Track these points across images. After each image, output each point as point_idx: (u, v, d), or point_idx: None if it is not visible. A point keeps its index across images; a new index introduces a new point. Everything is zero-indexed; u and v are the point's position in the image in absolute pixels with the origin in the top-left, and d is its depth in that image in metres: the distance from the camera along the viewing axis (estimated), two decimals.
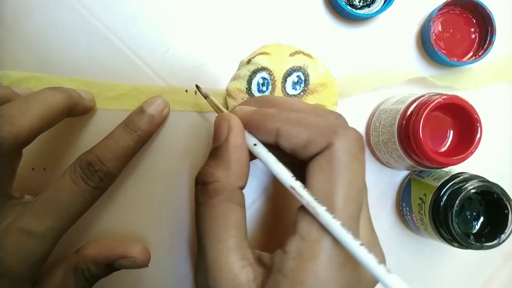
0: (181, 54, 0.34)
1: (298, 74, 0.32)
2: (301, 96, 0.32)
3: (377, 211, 0.37)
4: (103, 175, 0.28)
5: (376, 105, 0.36)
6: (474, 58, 0.35)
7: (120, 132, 0.30)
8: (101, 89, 0.33)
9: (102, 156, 0.28)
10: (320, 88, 0.33)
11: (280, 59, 0.33)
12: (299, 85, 0.32)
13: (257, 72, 0.32)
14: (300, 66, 0.33)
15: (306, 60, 0.33)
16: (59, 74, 0.33)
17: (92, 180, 0.27)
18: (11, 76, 0.33)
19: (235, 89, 0.33)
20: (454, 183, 0.31)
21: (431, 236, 0.33)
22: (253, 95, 0.32)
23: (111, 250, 0.31)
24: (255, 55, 0.33)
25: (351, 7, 0.35)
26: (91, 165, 0.27)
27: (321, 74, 0.33)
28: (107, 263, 0.31)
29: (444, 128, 0.32)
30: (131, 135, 0.30)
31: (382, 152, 0.34)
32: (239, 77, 0.33)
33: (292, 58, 0.33)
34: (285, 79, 0.32)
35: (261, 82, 0.32)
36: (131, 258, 0.31)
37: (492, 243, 0.30)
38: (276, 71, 0.32)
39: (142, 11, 0.34)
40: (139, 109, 0.31)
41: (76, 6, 0.34)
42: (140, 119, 0.30)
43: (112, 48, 0.34)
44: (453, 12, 0.36)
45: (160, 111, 0.32)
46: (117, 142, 0.29)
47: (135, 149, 0.30)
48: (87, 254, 0.31)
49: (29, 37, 0.33)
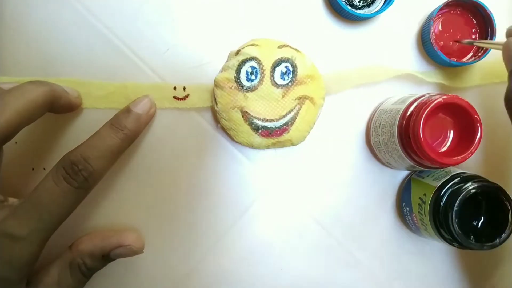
0: (181, 54, 0.34)
1: (286, 65, 0.33)
2: (289, 86, 0.33)
3: (377, 211, 0.37)
4: (87, 174, 0.27)
5: (376, 105, 0.36)
6: (474, 59, 0.35)
7: (106, 131, 0.29)
8: (90, 88, 0.33)
9: (86, 155, 0.27)
10: (308, 80, 0.33)
11: (268, 50, 0.33)
12: (287, 75, 0.33)
13: (246, 61, 0.32)
14: (288, 58, 0.33)
15: (294, 53, 0.33)
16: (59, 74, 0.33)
17: (75, 179, 0.27)
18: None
19: (223, 78, 0.33)
20: (454, 183, 0.31)
21: (431, 236, 0.33)
22: (242, 83, 0.32)
23: (106, 241, 0.31)
24: (244, 46, 0.33)
25: (351, 7, 0.35)
26: (75, 164, 0.27)
27: (308, 67, 0.33)
28: (104, 254, 0.31)
29: (444, 128, 0.32)
30: (117, 133, 0.29)
31: (382, 152, 0.34)
32: (228, 67, 0.33)
33: (280, 50, 0.33)
34: (274, 69, 0.32)
35: (250, 71, 0.32)
36: (127, 246, 0.31)
37: (492, 243, 0.30)
38: (264, 61, 0.33)
39: (142, 11, 0.34)
40: (126, 109, 0.31)
41: (76, 6, 0.34)
42: (126, 118, 0.30)
43: (112, 48, 0.34)
44: (454, 12, 0.36)
45: (147, 110, 0.32)
46: (103, 140, 0.29)
47: (122, 147, 0.30)
48: (82, 248, 0.30)
49: (29, 37, 0.33)
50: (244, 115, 0.32)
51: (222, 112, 0.33)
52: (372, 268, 0.37)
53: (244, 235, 0.36)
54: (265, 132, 0.32)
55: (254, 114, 0.32)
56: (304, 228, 0.36)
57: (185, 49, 0.34)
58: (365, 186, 0.36)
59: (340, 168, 0.36)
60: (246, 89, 0.32)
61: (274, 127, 0.33)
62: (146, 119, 0.32)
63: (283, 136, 0.33)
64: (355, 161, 0.36)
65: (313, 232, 0.36)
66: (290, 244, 0.36)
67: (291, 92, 0.33)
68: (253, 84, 0.32)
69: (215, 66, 0.34)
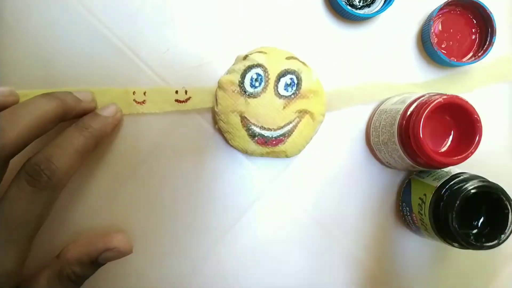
0: (181, 54, 0.34)
1: (292, 77, 0.33)
2: (291, 98, 0.33)
3: (377, 211, 0.37)
4: (50, 173, 0.26)
5: (376, 105, 0.36)
6: (474, 59, 0.35)
7: (69, 131, 0.29)
8: (95, 95, 0.33)
9: (49, 154, 0.26)
10: (310, 95, 0.33)
11: (276, 59, 0.33)
12: (291, 87, 0.33)
13: (252, 67, 0.32)
14: (295, 70, 0.33)
15: (301, 66, 0.33)
16: (59, 74, 0.33)
17: (39, 180, 0.26)
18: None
19: (227, 81, 0.33)
20: (454, 183, 0.31)
21: (431, 236, 0.33)
22: (245, 89, 0.32)
23: (92, 247, 0.31)
24: (252, 52, 0.33)
25: (351, 7, 0.35)
26: (37, 165, 0.26)
27: (313, 82, 0.33)
28: (92, 260, 0.30)
29: (444, 128, 0.32)
30: (82, 132, 0.29)
31: (382, 152, 0.34)
32: (233, 70, 0.33)
33: (288, 61, 0.33)
34: (279, 79, 0.32)
35: (255, 77, 0.32)
36: (114, 249, 0.31)
37: (492, 243, 0.30)
38: (271, 70, 0.33)
39: (142, 11, 0.34)
40: (92, 113, 0.31)
41: (76, 6, 0.34)
42: (91, 119, 0.30)
43: (112, 48, 0.34)
44: (454, 12, 0.36)
45: (113, 114, 0.32)
46: (66, 139, 0.28)
47: (87, 146, 0.29)
48: (69, 257, 0.30)
49: (29, 37, 0.33)
50: (243, 120, 0.32)
51: (221, 114, 0.33)
52: (372, 268, 0.37)
53: (244, 235, 0.36)
54: (261, 140, 0.33)
55: (252, 120, 0.32)
56: (304, 228, 0.36)
57: (185, 49, 0.34)
58: (365, 186, 0.36)
59: (340, 168, 0.36)
60: (249, 95, 0.32)
61: (270, 136, 0.33)
62: (113, 121, 0.32)
63: (278, 147, 0.33)
64: (355, 161, 0.36)
65: (313, 232, 0.36)
66: (290, 244, 0.36)
67: (293, 105, 0.33)
68: (256, 91, 0.32)
69: (215, 66, 0.34)
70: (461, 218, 0.30)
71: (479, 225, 0.31)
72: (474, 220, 0.31)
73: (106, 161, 0.34)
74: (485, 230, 0.31)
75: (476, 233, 0.31)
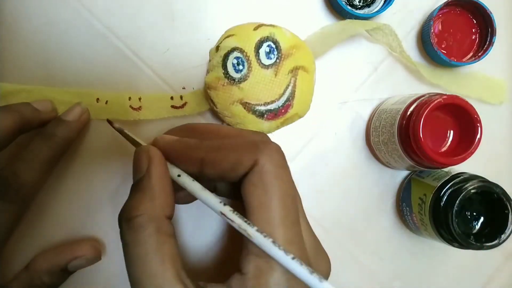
0: (181, 54, 0.34)
1: (268, 43, 0.32)
2: (278, 63, 0.32)
3: (377, 211, 0.37)
4: (18, 187, 0.27)
5: (376, 105, 0.36)
6: (474, 59, 0.35)
7: (35, 142, 0.29)
8: (91, 99, 0.32)
9: (15, 168, 0.27)
10: (293, 51, 0.32)
11: (245, 35, 0.32)
12: (272, 54, 0.32)
13: (228, 54, 0.32)
14: (267, 36, 0.32)
15: (271, 29, 0.33)
16: (58, 74, 0.33)
17: (6, 194, 0.26)
18: (1, 89, 0.31)
19: (213, 78, 0.32)
20: (454, 183, 0.31)
21: (431, 236, 0.33)
22: (232, 77, 0.32)
23: (60, 256, 0.31)
24: (221, 41, 0.33)
25: (351, 7, 0.35)
26: (4, 179, 0.27)
27: (290, 38, 0.33)
28: (61, 269, 0.30)
29: (444, 128, 0.32)
30: (46, 142, 0.29)
31: (382, 152, 0.34)
32: (213, 66, 0.33)
33: (257, 31, 0.32)
34: (257, 52, 0.32)
35: (235, 62, 0.32)
36: (82, 257, 0.31)
37: (492, 243, 0.30)
38: (246, 47, 0.32)
39: (142, 11, 0.34)
40: (56, 119, 0.30)
41: (76, 6, 0.34)
42: (55, 126, 0.30)
43: (112, 48, 0.34)
44: (454, 12, 0.36)
45: (78, 117, 0.31)
46: (31, 151, 0.28)
47: (53, 156, 0.29)
48: (38, 267, 0.30)
49: (29, 37, 0.33)
50: (245, 106, 0.32)
51: (223, 111, 0.33)
52: (372, 268, 0.37)
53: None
54: (271, 115, 0.32)
55: (254, 102, 0.32)
56: None
57: (185, 49, 0.34)
58: (365, 186, 0.36)
59: (340, 168, 0.36)
60: (238, 81, 0.32)
61: (277, 107, 0.32)
62: (78, 125, 0.31)
63: (289, 113, 0.33)
64: (355, 161, 0.36)
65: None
66: None
67: (282, 68, 0.32)
68: (243, 74, 0.32)
69: None
70: (461, 218, 0.30)
71: (479, 225, 0.31)
72: (474, 220, 0.31)
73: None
74: (485, 230, 0.31)
75: (476, 233, 0.31)
